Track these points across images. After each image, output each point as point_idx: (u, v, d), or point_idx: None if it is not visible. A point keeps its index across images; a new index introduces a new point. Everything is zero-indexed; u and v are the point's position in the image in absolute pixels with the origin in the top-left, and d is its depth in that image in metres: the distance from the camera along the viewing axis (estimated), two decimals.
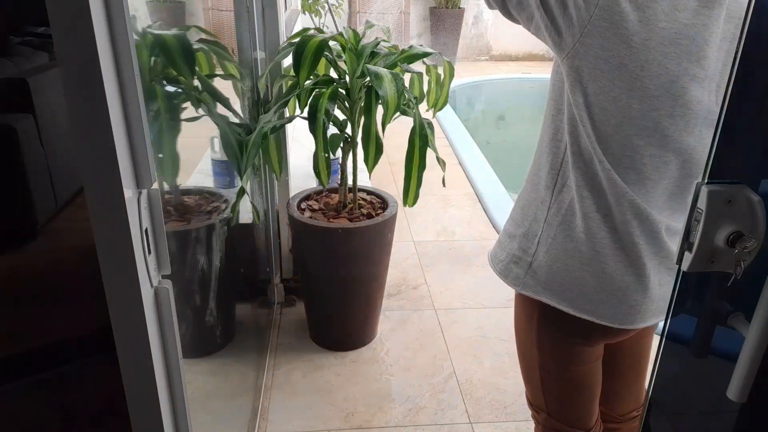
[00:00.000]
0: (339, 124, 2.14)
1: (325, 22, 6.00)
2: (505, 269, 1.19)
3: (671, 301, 0.79)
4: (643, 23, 0.92)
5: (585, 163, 1.04)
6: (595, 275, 1.09)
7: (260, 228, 2.46)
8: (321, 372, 2.22)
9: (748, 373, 0.69)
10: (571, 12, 0.94)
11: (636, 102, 0.96)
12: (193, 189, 2.12)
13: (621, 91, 0.96)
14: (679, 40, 0.93)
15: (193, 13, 3.00)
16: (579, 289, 1.10)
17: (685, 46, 0.93)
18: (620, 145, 1.00)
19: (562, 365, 1.19)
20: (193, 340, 1.76)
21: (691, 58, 0.94)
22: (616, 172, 1.02)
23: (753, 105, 0.69)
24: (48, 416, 1.00)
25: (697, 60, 0.94)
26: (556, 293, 1.12)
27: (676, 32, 0.93)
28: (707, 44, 0.94)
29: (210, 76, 1.84)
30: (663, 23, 0.92)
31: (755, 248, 0.69)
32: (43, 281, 1.01)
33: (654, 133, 0.98)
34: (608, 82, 0.96)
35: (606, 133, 1.00)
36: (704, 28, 0.94)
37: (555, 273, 1.12)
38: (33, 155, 1.03)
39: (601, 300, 1.09)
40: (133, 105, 0.68)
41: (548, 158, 1.11)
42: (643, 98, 0.96)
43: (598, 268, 1.08)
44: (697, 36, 0.94)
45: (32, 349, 0.97)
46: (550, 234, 1.12)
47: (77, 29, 0.61)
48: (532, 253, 1.15)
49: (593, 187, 1.05)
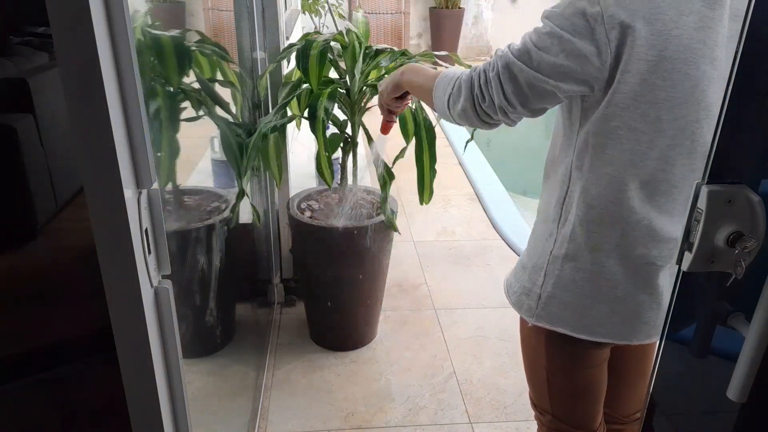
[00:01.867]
0: (339, 124, 2.14)
1: (325, 22, 6.00)
2: (518, 301, 1.19)
3: (671, 300, 0.79)
4: (656, 35, 0.91)
5: (601, 194, 1.03)
6: (607, 301, 1.08)
7: (260, 228, 2.46)
8: (321, 372, 2.22)
9: (748, 373, 0.69)
10: (592, 63, 0.93)
11: (665, 113, 0.95)
12: (193, 189, 2.12)
13: (648, 106, 0.95)
14: (693, 45, 0.93)
15: (193, 13, 3.00)
16: (592, 316, 1.10)
17: (699, 50, 0.93)
18: (655, 159, 0.99)
19: (570, 369, 1.19)
20: (193, 340, 1.76)
21: (706, 61, 0.94)
22: (644, 191, 1.01)
23: (753, 105, 0.69)
24: (48, 416, 1.00)
25: (711, 61, 0.94)
26: (570, 323, 1.12)
27: (688, 37, 0.92)
28: (716, 45, 0.94)
29: (210, 80, 1.84)
30: (674, 31, 0.92)
31: (755, 248, 0.69)
32: (43, 281, 1.01)
33: (684, 141, 0.98)
34: (633, 101, 0.95)
35: (639, 152, 0.98)
36: (711, 30, 0.93)
37: (567, 304, 1.11)
38: (33, 155, 1.03)
39: (615, 322, 1.09)
40: (133, 105, 0.68)
41: (556, 193, 1.10)
42: (670, 108, 0.95)
43: (610, 294, 1.08)
44: (708, 38, 0.93)
45: (32, 349, 0.97)
46: (557, 266, 1.11)
47: (77, 29, 0.61)
48: (540, 285, 1.13)
49: (604, 220, 1.04)
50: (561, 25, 0.93)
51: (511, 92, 0.99)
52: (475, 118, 1.06)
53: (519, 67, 0.97)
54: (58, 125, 1.08)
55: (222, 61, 1.86)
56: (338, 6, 6.55)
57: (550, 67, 0.94)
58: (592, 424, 1.23)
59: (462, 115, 1.07)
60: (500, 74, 0.99)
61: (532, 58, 0.96)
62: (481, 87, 1.02)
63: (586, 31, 0.92)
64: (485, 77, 1.02)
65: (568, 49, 0.93)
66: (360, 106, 2.10)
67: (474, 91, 1.03)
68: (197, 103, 1.70)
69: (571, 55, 0.93)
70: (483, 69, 1.03)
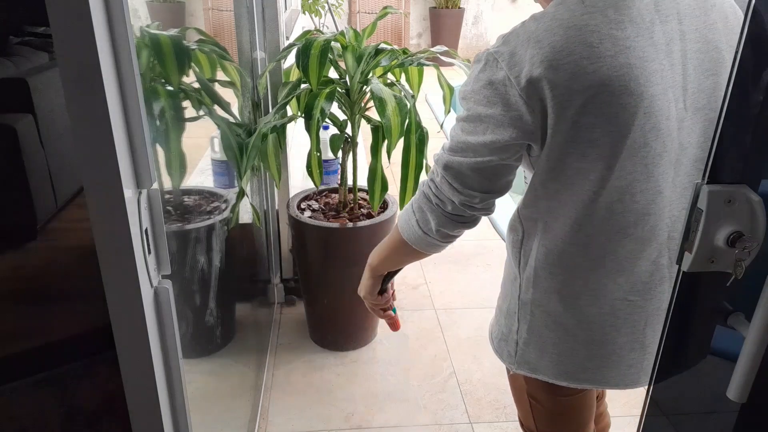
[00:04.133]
0: (339, 124, 2.14)
1: (325, 22, 6.00)
2: (499, 347, 1.16)
3: (671, 301, 0.79)
4: (570, 77, 0.85)
5: (558, 236, 0.98)
6: (584, 343, 1.04)
7: (260, 228, 2.46)
8: (321, 372, 2.22)
9: (748, 373, 0.69)
10: (520, 126, 0.89)
11: (606, 149, 0.90)
12: (193, 189, 2.12)
13: (587, 145, 0.90)
14: (617, 72, 0.86)
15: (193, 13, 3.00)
16: (571, 360, 1.05)
17: (627, 75, 0.86)
18: (609, 193, 0.93)
19: (550, 396, 1.15)
20: (193, 340, 1.76)
21: (640, 82, 0.87)
22: (604, 226, 0.95)
23: (753, 105, 0.69)
24: (48, 416, 1.00)
25: (648, 78, 0.87)
26: (550, 369, 1.08)
27: (608, 67, 0.85)
28: (651, 59, 0.87)
29: (210, 80, 1.84)
30: (589, 67, 0.85)
31: (755, 248, 0.69)
32: (43, 281, 1.01)
33: (636, 167, 0.91)
34: (571, 144, 0.90)
35: (591, 191, 0.93)
36: (635, 50, 0.86)
37: (543, 350, 1.07)
38: (33, 155, 1.03)
39: (597, 366, 1.05)
40: (133, 105, 0.69)
41: (512, 236, 1.07)
42: (612, 143, 0.89)
43: (587, 338, 1.03)
44: (634, 58, 0.86)
45: (32, 349, 0.97)
46: (527, 311, 1.07)
47: (77, 29, 0.61)
48: (515, 330, 1.10)
49: (563, 261, 0.99)
50: (477, 101, 0.91)
51: (462, 186, 0.97)
52: (453, 224, 1.02)
53: (458, 161, 0.96)
54: (58, 125, 1.08)
55: (222, 60, 1.86)
56: (338, 6, 6.55)
57: (484, 148, 0.92)
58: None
59: (442, 231, 1.03)
60: (444, 176, 0.98)
61: (465, 147, 0.95)
62: (437, 196, 1.00)
63: (500, 99, 0.88)
64: (435, 185, 1.00)
65: (492, 123, 0.90)
66: (360, 106, 2.10)
67: (433, 203, 1.01)
68: (197, 102, 1.70)
69: (498, 128, 0.90)
70: (430, 179, 1.02)
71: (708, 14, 0.90)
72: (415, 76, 2.18)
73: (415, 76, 2.17)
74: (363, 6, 8.00)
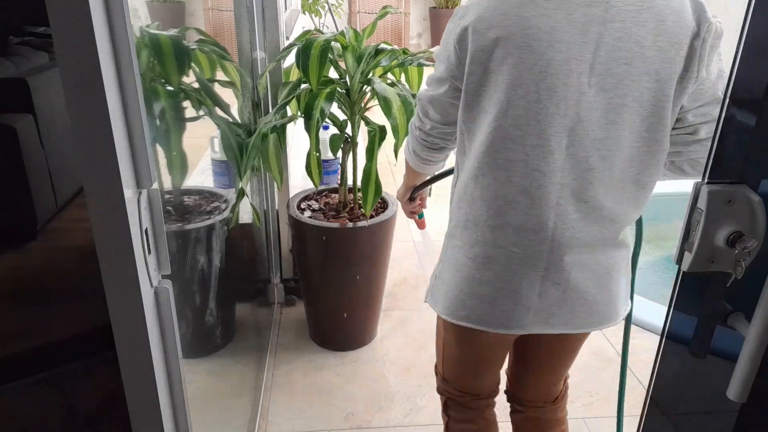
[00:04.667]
0: (339, 124, 2.14)
1: (325, 22, 6.00)
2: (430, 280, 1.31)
3: (671, 301, 0.79)
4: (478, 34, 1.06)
5: (465, 174, 1.14)
6: (468, 281, 1.15)
7: (260, 228, 2.46)
8: (321, 372, 2.22)
9: (748, 373, 0.69)
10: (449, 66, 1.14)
11: (506, 94, 1.06)
12: (193, 189, 2.12)
13: (492, 90, 1.07)
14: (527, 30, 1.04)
15: (193, 13, 3.01)
16: (455, 296, 1.17)
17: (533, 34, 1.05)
18: (503, 139, 1.07)
19: (455, 345, 1.31)
20: (193, 340, 1.76)
21: (543, 44, 1.04)
22: (495, 171, 1.08)
23: (753, 105, 0.69)
24: (48, 416, 1.00)
25: (550, 45, 1.04)
26: (441, 303, 1.22)
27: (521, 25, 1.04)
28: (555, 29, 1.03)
29: (210, 80, 1.84)
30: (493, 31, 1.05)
31: (755, 248, 0.69)
32: (43, 281, 1.01)
33: (529, 120, 1.03)
34: (479, 88, 1.09)
35: (488, 132, 1.07)
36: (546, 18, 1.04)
37: (443, 283, 1.21)
38: (33, 155, 1.03)
39: (473, 306, 1.15)
40: (133, 105, 0.68)
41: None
42: (507, 89, 1.05)
43: (469, 274, 1.14)
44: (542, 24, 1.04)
45: (32, 349, 0.97)
46: (444, 246, 1.23)
47: (77, 29, 0.61)
48: (438, 265, 1.26)
49: (465, 197, 1.14)
50: (441, 43, 1.15)
51: (423, 115, 1.25)
52: (421, 147, 1.31)
53: (423, 93, 1.23)
54: (58, 125, 1.08)
55: (222, 60, 1.85)
56: (338, 6, 6.55)
57: (434, 81, 1.18)
58: (476, 390, 1.38)
59: (416, 151, 1.34)
60: (416, 105, 1.27)
61: (428, 81, 1.21)
62: (413, 123, 1.31)
63: (446, 42, 1.11)
64: (414, 115, 1.30)
65: (439, 61, 1.14)
66: (360, 106, 2.10)
67: (411, 129, 1.33)
68: (197, 102, 1.70)
69: (440, 63, 1.14)
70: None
71: (641, 12, 0.97)
72: (415, 76, 2.18)
73: (415, 76, 2.18)
74: (363, 6, 8.00)
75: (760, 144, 0.72)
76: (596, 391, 2.13)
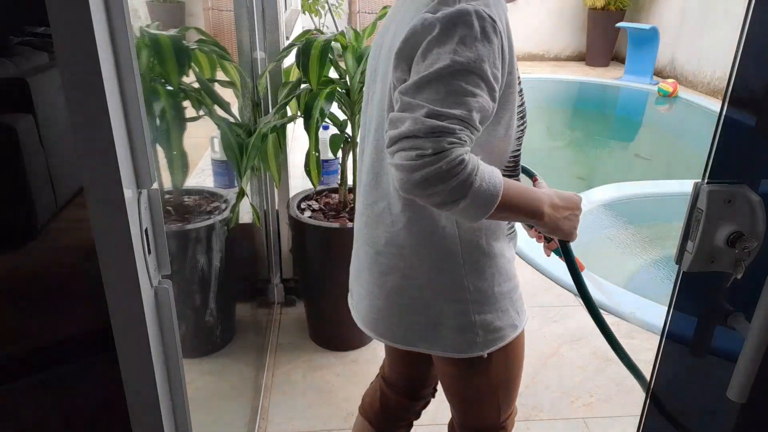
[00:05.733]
0: (339, 124, 2.14)
1: (325, 22, 6.00)
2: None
3: (671, 301, 0.79)
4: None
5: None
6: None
7: (260, 228, 2.46)
8: (321, 372, 2.22)
9: (748, 373, 0.69)
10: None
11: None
12: (193, 189, 2.12)
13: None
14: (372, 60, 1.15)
15: (193, 13, 3.00)
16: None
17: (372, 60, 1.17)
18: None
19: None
20: (193, 340, 1.76)
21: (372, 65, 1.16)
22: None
23: (753, 105, 0.69)
24: (48, 416, 1.00)
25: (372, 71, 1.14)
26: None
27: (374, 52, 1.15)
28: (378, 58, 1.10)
29: (210, 80, 1.84)
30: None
31: (755, 248, 0.69)
32: (43, 281, 1.01)
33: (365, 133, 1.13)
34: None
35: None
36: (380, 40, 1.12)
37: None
38: (33, 155, 1.03)
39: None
40: (133, 105, 0.68)
41: None
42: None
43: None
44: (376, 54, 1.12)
45: (32, 349, 0.97)
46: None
47: (77, 29, 0.61)
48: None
49: None
50: None
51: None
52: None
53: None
54: (58, 125, 1.08)
55: (222, 60, 1.86)
56: (338, 6, 6.55)
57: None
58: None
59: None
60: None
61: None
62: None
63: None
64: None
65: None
66: (360, 107, 2.10)
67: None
68: (197, 102, 1.70)
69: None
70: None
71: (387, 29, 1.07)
72: None
73: None
74: (363, 6, 8.00)
75: (760, 144, 0.72)
76: (596, 391, 2.13)
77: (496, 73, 0.88)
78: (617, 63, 8.30)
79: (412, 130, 0.82)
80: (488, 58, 0.86)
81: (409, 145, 0.82)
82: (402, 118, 0.84)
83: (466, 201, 0.84)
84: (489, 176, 0.85)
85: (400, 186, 0.85)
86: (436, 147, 0.81)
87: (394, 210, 1.05)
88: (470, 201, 0.84)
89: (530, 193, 0.96)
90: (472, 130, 0.85)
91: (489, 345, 1.09)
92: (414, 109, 0.84)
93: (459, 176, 0.82)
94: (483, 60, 0.85)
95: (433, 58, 0.85)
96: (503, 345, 1.10)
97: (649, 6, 7.92)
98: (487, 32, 0.86)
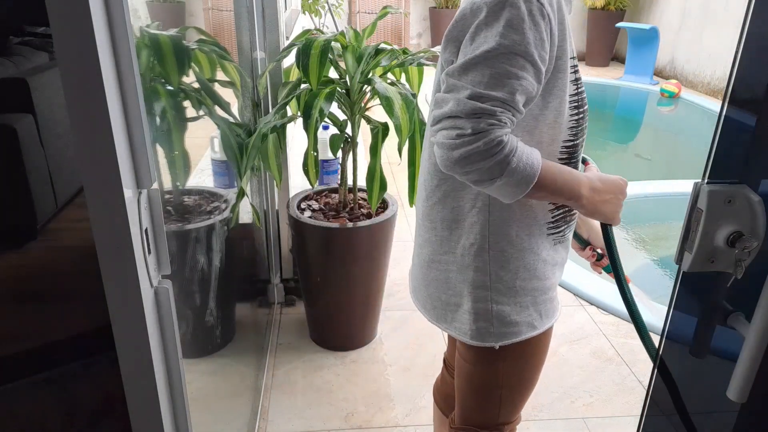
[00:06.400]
0: (339, 124, 2.14)
1: (325, 22, 6.00)
2: None
3: (671, 301, 0.79)
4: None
5: None
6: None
7: (260, 228, 2.46)
8: (321, 372, 2.22)
9: (748, 373, 0.69)
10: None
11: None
12: (193, 189, 2.12)
13: None
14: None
15: (193, 13, 3.00)
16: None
17: None
18: None
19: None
20: (193, 340, 1.76)
21: None
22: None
23: (753, 105, 0.69)
24: (48, 416, 1.00)
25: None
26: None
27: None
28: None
29: (210, 80, 1.84)
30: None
31: (755, 248, 0.69)
32: (43, 281, 1.01)
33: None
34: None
35: None
36: None
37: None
38: (33, 155, 1.03)
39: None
40: (133, 105, 0.68)
41: None
42: None
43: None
44: None
45: (32, 349, 0.97)
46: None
47: (77, 29, 0.61)
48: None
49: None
50: None
51: None
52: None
53: None
54: (58, 125, 1.08)
55: (222, 60, 1.85)
56: (338, 6, 6.54)
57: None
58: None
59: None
60: None
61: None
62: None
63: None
64: None
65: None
66: (360, 106, 2.10)
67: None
68: (197, 102, 1.70)
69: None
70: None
71: None
72: (415, 76, 2.18)
73: (415, 75, 2.18)
74: (363, 6, 8.00)
75: (760, 144, 0.72)
76: (596, 391, 2.13)
77: (543, 55, 0.90)
78: (617, 63, 8.30)
79: (454, 110, 0.87)
80: (534, 41, 0.88)
81: (451, 124, 0.87)
82: (446, 99, 0.89)
83: (502, 179, 0.88)
84: (527, 157, 0.89)
85: (440, 162, 0.90)
86: (475, 127, 0.85)
87: (429, 185, 1.10)
88: (506, 179, 0.88)
89: (569, 175, 0.97)
90: (514, 113, 0.89)
91: (502, 338, 1.09)
92: (458, 90, 0.88)
93: (496, 156, 0.86)
94: (529, 42, 0.88)
95: (480, 40, 0.89)
96: (517, 342, 1.10)
97: (649, 6, 7.92)
98: (533, 15, 0.88)
